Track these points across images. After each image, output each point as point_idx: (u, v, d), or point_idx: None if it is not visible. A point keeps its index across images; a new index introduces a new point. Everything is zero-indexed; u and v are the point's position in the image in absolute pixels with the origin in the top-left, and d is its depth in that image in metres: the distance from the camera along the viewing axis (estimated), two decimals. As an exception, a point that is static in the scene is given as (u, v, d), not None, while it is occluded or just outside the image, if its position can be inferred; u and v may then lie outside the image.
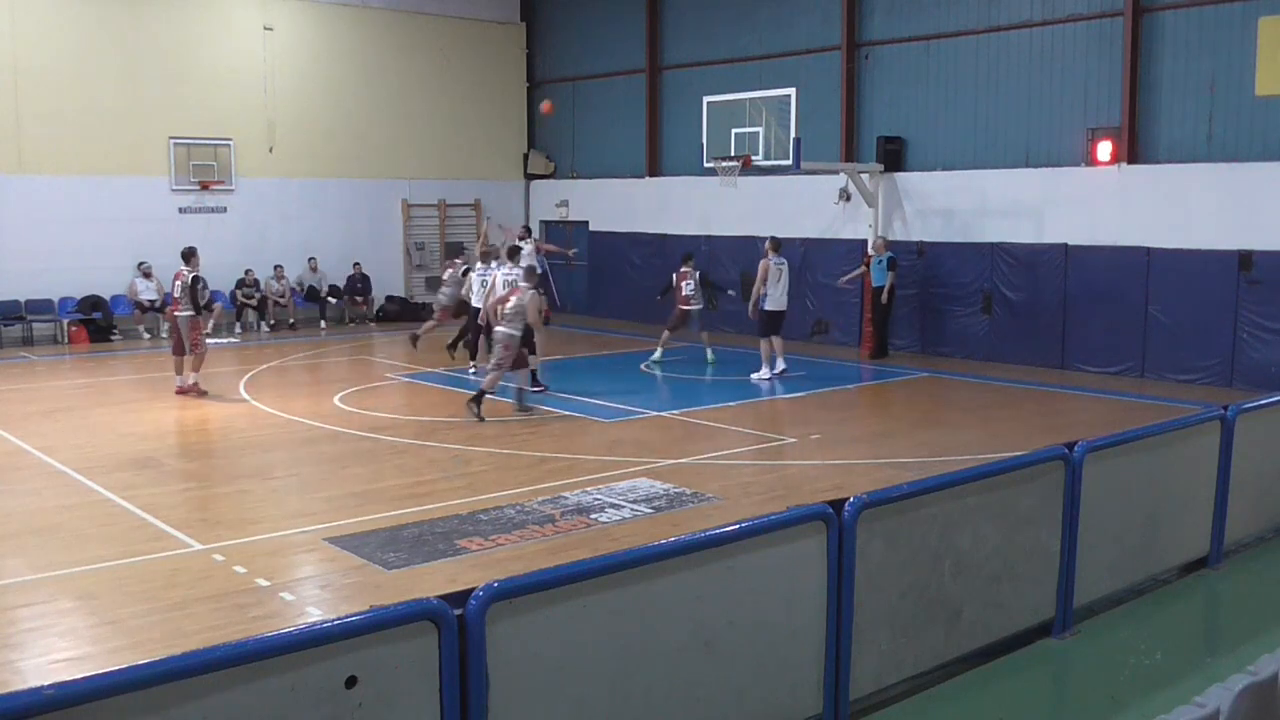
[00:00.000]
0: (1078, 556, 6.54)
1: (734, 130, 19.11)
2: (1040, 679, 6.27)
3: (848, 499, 5.29)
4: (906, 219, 20.08)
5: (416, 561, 8.39)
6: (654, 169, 24.88)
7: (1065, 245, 17.80)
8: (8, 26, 20.90)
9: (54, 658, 6.72)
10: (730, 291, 20.46)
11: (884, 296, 18.89)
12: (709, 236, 23.19)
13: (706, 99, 19.62)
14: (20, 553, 8.90)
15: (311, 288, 24.39)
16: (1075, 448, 6.52)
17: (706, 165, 19.65)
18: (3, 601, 7.70)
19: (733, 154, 18.85)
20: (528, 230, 22.37)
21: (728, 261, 22.66)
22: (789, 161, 18.36)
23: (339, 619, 3.76)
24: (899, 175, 20.18)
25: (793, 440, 12.67)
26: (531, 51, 27.62)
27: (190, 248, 15.75)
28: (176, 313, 15.44)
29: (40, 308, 21.50)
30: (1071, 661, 6.37)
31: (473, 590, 3.96)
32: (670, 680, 4.67)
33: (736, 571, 4.90)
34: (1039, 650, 6.38)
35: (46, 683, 3.16)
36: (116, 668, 3.48)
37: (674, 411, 14.41)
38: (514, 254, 16.15)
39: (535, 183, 27.76)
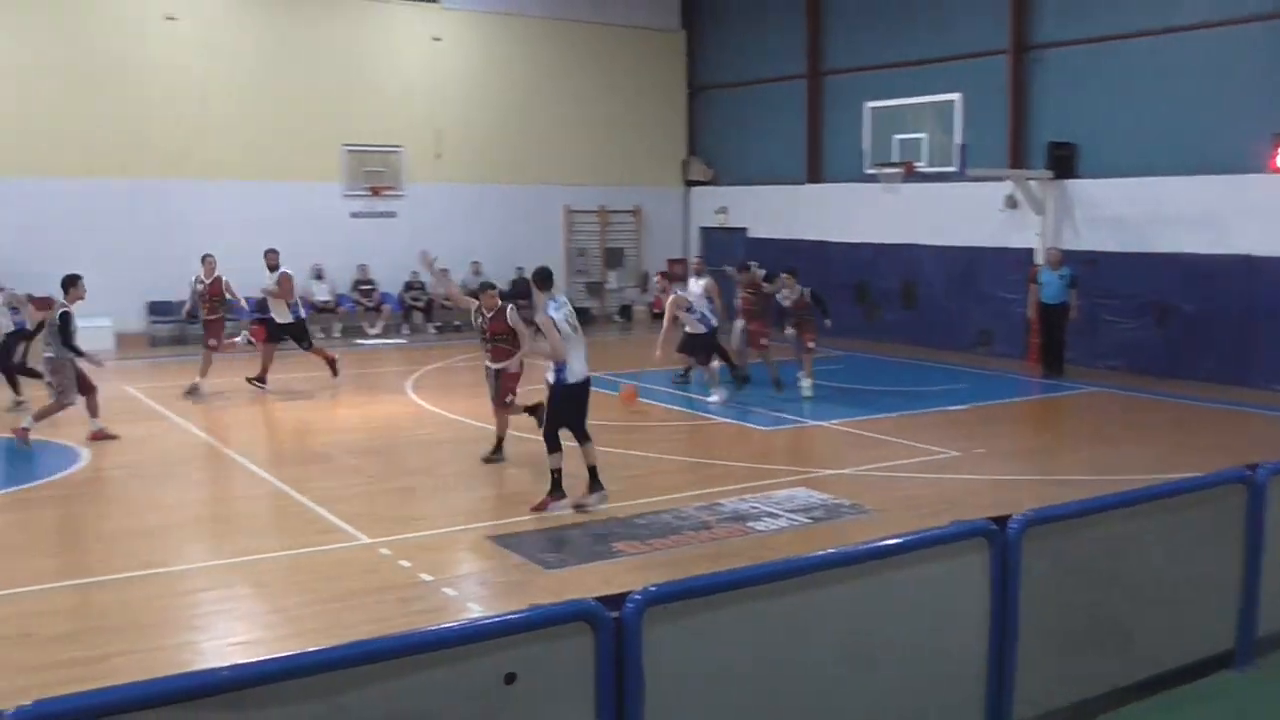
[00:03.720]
0: (1260, 585, 6.21)
1: (896, 136, 18.81)
2: (1218, 713, 5.96)
3: (1012, 515, 5.14)
4: (1077, 228, 19.40)
5: (574, 562, 8.50)
6: (814, 175, 24.67)
7: (1248, 256, 16.92)
8: (198, 42, 22.04)
9: (231, 640, 7.04)
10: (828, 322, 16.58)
11: (1073, 314, 17.77)
12: (870, 244, 22.86)
13: (868, 104, 19.37)
14: (202, 539, 9.36)
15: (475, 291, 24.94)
16: (1259, 470, 6.19)
17: (868, 172, 19.38)
18: (187, 585, 8.10)
19: (895, 160, 18.54)
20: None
21: (889, 271, 22.32)
22: (953, 168, 17.96)
23: (499, 616, 3.83)
24: (1069, 182, 19.51)
25: (955, 454, 12.36)
26: (692, 58, 27.72)
27: (70, 276, 12.88)
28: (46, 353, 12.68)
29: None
30: (1252, 696, 6.04)
31: (629, 593, 3.98)
32: (823, 694, 4.61)
33: (895, 586, 4.81)
34: (1217, 683, 6.07)
35: (224, 664, 3.30)
36: (287, 654, 3.62)
37: (834, 421, 14.24)
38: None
39: (694, 189, 27.84)
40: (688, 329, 15.62)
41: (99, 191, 21.16)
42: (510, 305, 11.82)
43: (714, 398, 15.33)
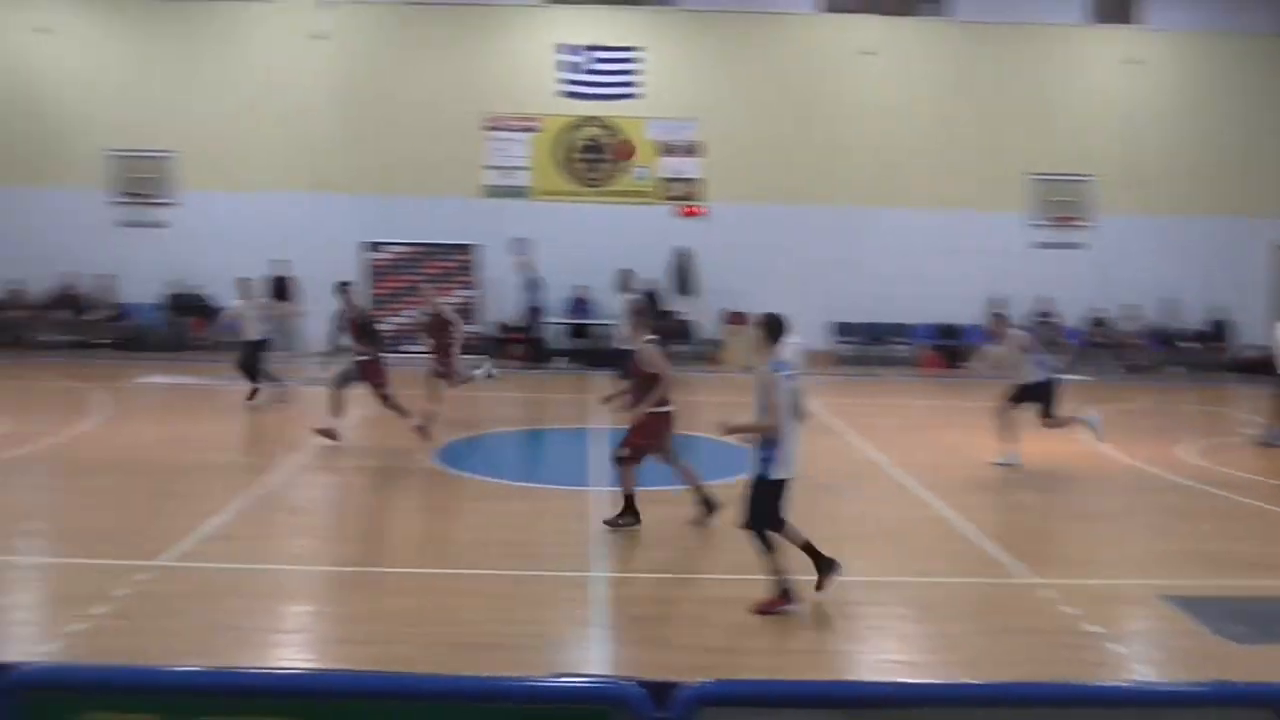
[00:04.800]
0: None
1: None
2: None
3: None
4: None
5: (1266, 640, 7.54)
6: None
7: None
8: (891, 75, 22.96)
9: (888, 658, 7.17)
10: None
11: None
12: None
13: None
14: (866, 555, 9.65)
15: (1164, 331, 23.29)
16: None
17: None
18: (850, 597, 8.40)
19: None
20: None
21: None
22: None
23: (1176, 684, 3.51)
24: None
25: None
26: None
27: (342, 282, 14.34)
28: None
29: (898, 331, 23.22)
30: None
31: (1341, 685, 3.43)
32: None
33: None
34: None
35: (880, 679, 3.35)
36: (946, 681, 3.59)
37: None
38: None
39: None
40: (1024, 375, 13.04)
41: (799, 217, 22.84)
42: (652, 343, 9.75)
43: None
